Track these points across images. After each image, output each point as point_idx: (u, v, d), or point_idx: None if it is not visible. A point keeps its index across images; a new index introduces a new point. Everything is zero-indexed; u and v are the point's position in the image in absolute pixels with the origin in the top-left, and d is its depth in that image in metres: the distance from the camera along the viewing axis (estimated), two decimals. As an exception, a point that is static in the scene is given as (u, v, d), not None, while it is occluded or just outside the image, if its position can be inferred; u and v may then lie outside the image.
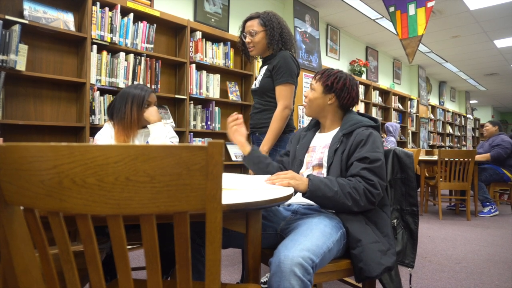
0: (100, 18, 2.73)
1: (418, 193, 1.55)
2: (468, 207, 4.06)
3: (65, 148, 0.57)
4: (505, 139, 4.36)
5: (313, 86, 1.47)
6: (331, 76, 1.44)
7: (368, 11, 5.33)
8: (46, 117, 2.63)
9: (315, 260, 1.02)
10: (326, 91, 1.44)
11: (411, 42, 4.23)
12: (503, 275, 2.29)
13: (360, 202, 1.21)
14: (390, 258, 1.18)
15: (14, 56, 2.28)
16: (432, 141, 9.03)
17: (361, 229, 1.21)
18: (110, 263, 1.04)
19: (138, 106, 1.75)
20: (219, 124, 3.68)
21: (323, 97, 1.44)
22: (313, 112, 1.49)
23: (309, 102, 1.48)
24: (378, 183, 1.23)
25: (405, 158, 1.39)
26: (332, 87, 1.43)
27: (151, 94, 1.81)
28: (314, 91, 1.46)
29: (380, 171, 1.25)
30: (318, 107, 1.46)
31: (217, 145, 0.58)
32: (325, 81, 1.44)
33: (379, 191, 1.23)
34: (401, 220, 1.41)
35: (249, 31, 1.98)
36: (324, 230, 1.15)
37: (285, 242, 1.08)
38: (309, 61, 4.85)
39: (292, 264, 0.97)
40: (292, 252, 1.00)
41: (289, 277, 0.96)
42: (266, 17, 1.96)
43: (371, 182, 1.22)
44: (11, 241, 0.61)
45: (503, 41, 6.61)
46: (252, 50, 2.01)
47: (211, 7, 3.94)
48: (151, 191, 0.57)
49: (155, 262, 0.61)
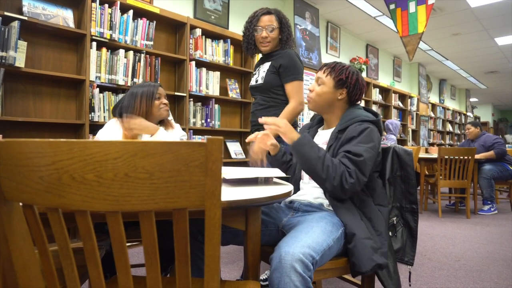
0: (100, 14, 2.72)
1: (418, 191, 1.54)
2: (467, 205, 4.06)
3: (64, 144, 0.56)
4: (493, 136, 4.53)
5: (322, 80, 1.38)
6: (344, 70, 1.37)
7: (369, 8, 5.31)
8: (45, 114, 2.63)
9: (315, 257, 1.02)
10: (338, 86, 1.37)
11: (411, 40, 4.22)
12: (502, 272, 2.29)
13: (332, 181, 1.18)
14: (381, 256, 1.18)
15: (13, 53, 2.27)
16: (432, 139, 9.03)
17: (356, 224, 1.21)
18: (109, 260, 1.04)
19: (148, 98, 1.75)
20: (219, 122, 3.68)
21: (334, 92, 1.37)
22: (318, 107, 1.41)
23: (315, 97, 1.39)
24: (355, 173, 1.20)
25: (405, 155, 1.38)
26: (346, 82, 1.36)
27: (159, 87, 1.82)
28: (323, 85, 1.38)
29: (361, 165, 1.21)
30: (325, 102, 1.38)
31: (216, 141, 0.58)
32: (338, 75, 1.36)
33: (354, 180, 1.19)
34: (401, 218, 1.40)
35: (268, 26, 1.95)
36: (325, 228, 1.15)
37: (286, 239, 1.08)
38: (309, 58, 4.84)
39: (292, 260, 0.98)
40: (293, 248, 1.01)
41: (289, 272, 0.97)
42: (280, 14, 2.00)
43: (349, 170, 1.20)
44: (10, 237, 0.61)
45: (504, 38, 6.59)
46: (267, 46, 1.98)
47: (211, 4, 3.92)
48: (150, 188, 0.57)
49: (154, 258, 0.61)
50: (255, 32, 1.98)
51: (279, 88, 1.96)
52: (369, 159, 1.23)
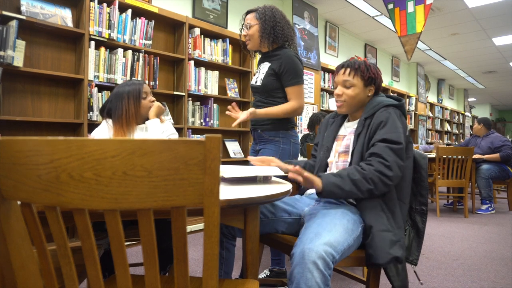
0: (98, 14, 2.72)
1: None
2: (465, 204, 4.07)
3: (62, 142, 0.56)
4: (502, 138, 4.49)
5: (351, 82, 1.40)
6: (369, 68, 1.41)
7: (367, 8, 5.32)
8: (43, 113, 2.62)
9: (335, 256, 1.05)
10: (367, 84, 1.41)
11: (409, 40, 4.23)
12: (500, 271, 2.30)
13: (374, 191, 1.22)
14: (399, 249, 1.19)
15: (11, 52, 2.26)
16: (430, 139, 9.05)
17: (375, 217, 1.22)
18: (108, 259, 1.04)
19: (135, 99, 1.75)
20: (218, 121, 3.68)
21: (364, 90, 1.41)
22: (353, 108, 1.44)
23: (349, 100, 1.41)
24: (395, 163, 1.22)
25: (420, 159, 1.40)
26: (373, 79, 1.41)
27: (143, 85, 1.81)
28: (354, 87, 1.40)
29: (399, 151, 1.24)
30: (359, 102, 1.42)
31: (215, 139, 0.58)
32: (365, 74, 1.40)
33: (393, 172, 1.22)
34: (409, 218, 1.42)
35: (245, 24, 2.00)
36: (347, 227, 1.16)
37: (308, 234, 1.09)
38: (307, 58, 4.84)
39: (315, 257, 1.00)
40: (316, 246, 1.03)
41: (312, 269, 0.99)
42: (261, 10, 1.97)
43: (387, 163, 1.22)
44: (8, 236, 0.61)
45: (502, 38, 6.60)
46: (248, 44, 2.02)
47: (210, 4, 3.92)
48: (149, 186, 0.57)
49: (153, 256, 0.61)
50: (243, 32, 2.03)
51: (277, 91, 1.96)
52: (404, 143, 1.27)
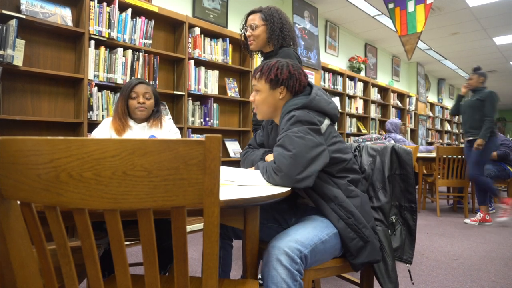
0: (98, 13, 2.71)
1: (416, 190, 1.54)
2: (465, 204, 4.07)
3: (62, 142, 0.56)
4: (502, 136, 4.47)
5: (257, 87, 1.34)
6: (273, 68, 1.31)
7: (368, 7, 5.31)
8: (43, 112, 2.62)
9: (303, 251, 1.05)
10: (273, 86, 1.31)
11: (410, 39, 4.22)
12: (500, 271, 2.30)
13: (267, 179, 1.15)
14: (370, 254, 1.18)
15: (11, 51, 2.26)
16: (431, 138, 9.04)
17: (331, 217, 1.19)
18: (108, 259, 1.04)
19: (124, 99, 1.76)
20: (217, 121, 3.67)
21: (272, 94, 1.32)
22: (266, 114, 1.36)
23: (259, 106, 1.35)
24: (281, 155, 1.13)
25: (404, 155, 1.38)
26: (279, 79, 1.30)
27: (138, 84, 1.77)
28: (260, 91, 1.33)
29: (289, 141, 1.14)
30: (270, 106, 1.33)
31: (215, 139, 0.58)
32: (268, 75, 1.31)
33: (283, 163, 1.11)
34: (400, 217, 1.41)
35: (250, 24, 1.99)
36: (317, 224, 1.17)
37: (277, 235, 1.12)
38: (308, 57, 4.84)
39: (278, 253, 1.01)
40: (279, 243, 1.05)
41: (276, 265, 1.00)
42: (267, 11, 1.98)
43: (275, 165, 1.14)
44: (8, 235, 0.61)
45: (502, 38, 6.60)
46: (251, 44, 2.01)
47: (210, 3, 3.92)
48: (148, 186, 0.57)
49: (153, 256, 0.61)
50: (246, 32, 2.03)
51: None
52: (300, 151, 1.13)
